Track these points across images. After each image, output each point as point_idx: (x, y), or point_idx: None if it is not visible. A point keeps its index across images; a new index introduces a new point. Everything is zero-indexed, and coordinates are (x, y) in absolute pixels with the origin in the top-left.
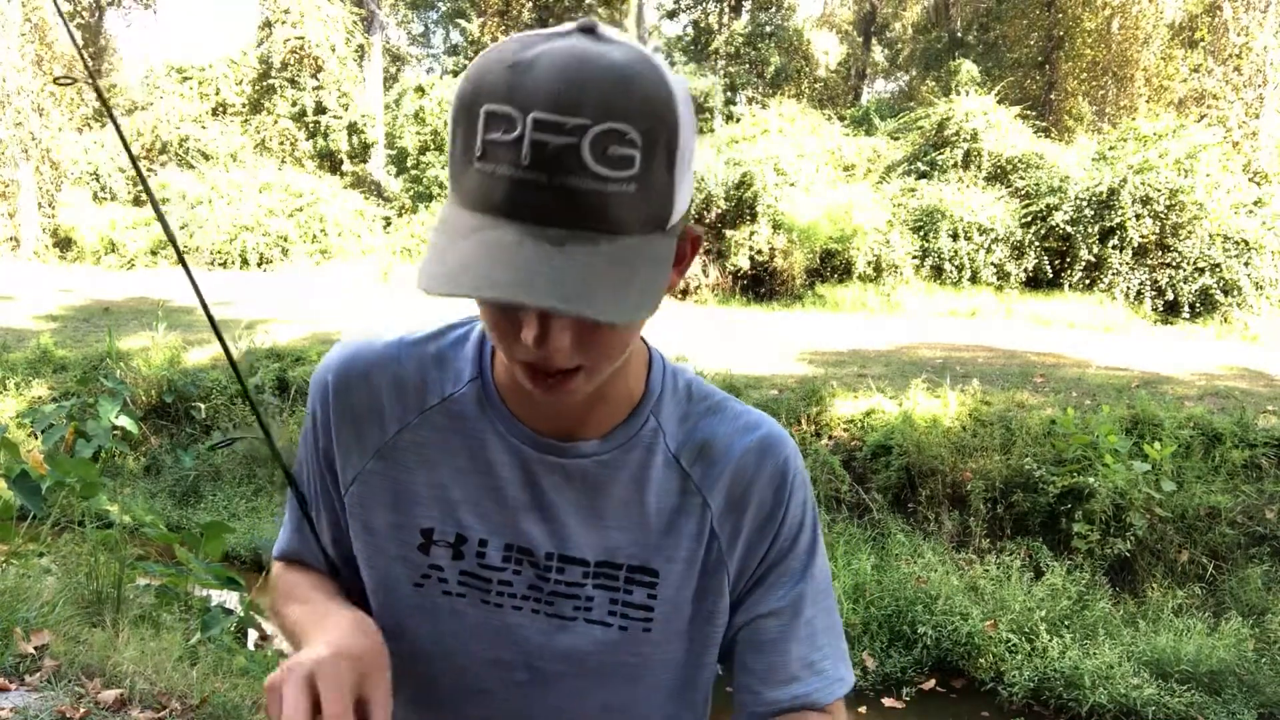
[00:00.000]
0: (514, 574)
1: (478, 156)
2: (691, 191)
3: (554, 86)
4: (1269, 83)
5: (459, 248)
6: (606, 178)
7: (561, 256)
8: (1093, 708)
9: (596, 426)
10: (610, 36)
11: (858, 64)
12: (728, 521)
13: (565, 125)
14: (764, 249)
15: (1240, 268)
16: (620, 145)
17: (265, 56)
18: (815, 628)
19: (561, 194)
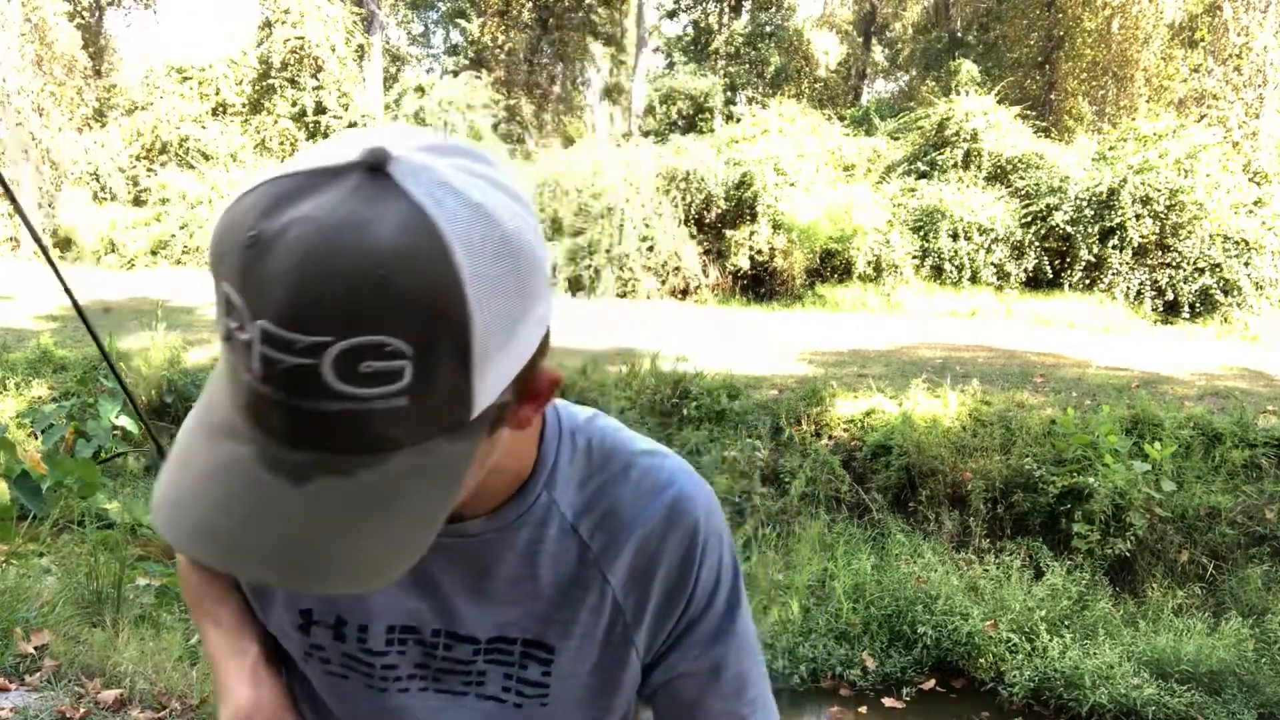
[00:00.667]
0: (398, 655)
1: (224, 337)
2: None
3: (286, 288)
4: (1269, 83)
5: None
6: (362, 396)
7: (298, 499)
8: (1093, 708)
9: (483, 504)
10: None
11: (858, 64)
12: (632, 593)
13: (296, 344)
14: (764, 249)
15: (1240, 268)
16: (378, 359)
17: (265, 56)
18: (742, 681)
19: (302, 417)
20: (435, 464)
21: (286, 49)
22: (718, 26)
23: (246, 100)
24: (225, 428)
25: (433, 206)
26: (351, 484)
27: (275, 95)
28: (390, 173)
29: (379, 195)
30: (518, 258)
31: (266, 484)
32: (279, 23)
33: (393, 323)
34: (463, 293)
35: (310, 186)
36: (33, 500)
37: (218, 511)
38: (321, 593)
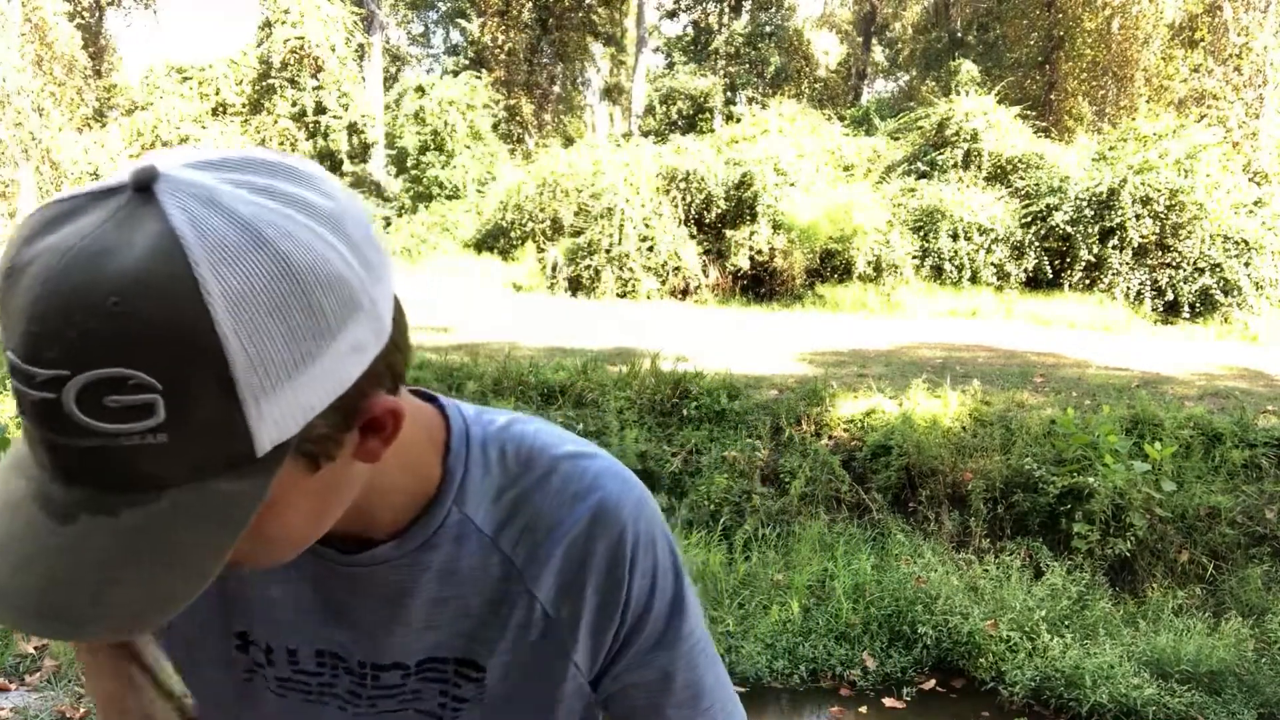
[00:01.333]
0: (333, 676)
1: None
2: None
3: (26, 321)
4: (1269, 83)
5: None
6: (114, 433)
7: (60, 541)
8: (1093, 707)
9: (389, 527)
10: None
11: (858, 64)
12: (564, 605)
13: (36, 378)
14: (764, 249)
15: (1240, 268)
16: (122, 394)
17: (265, 56)
18: (696, 689)
19: (61, 452)
20: (214, 504)
21: (286, 49)
22: (718, 26)
23: (246, 100)
24: (21, 460)
25: (186, 226)
26: (117, 524)
27: (275, 95)
28: (155, 191)
29: (135, 217)
30: (301, 282)
31: (38, 523)
32: (279, 23)
33: (132, 355)
34: (211, 321)
35: (75, 211)
36: None
37: None
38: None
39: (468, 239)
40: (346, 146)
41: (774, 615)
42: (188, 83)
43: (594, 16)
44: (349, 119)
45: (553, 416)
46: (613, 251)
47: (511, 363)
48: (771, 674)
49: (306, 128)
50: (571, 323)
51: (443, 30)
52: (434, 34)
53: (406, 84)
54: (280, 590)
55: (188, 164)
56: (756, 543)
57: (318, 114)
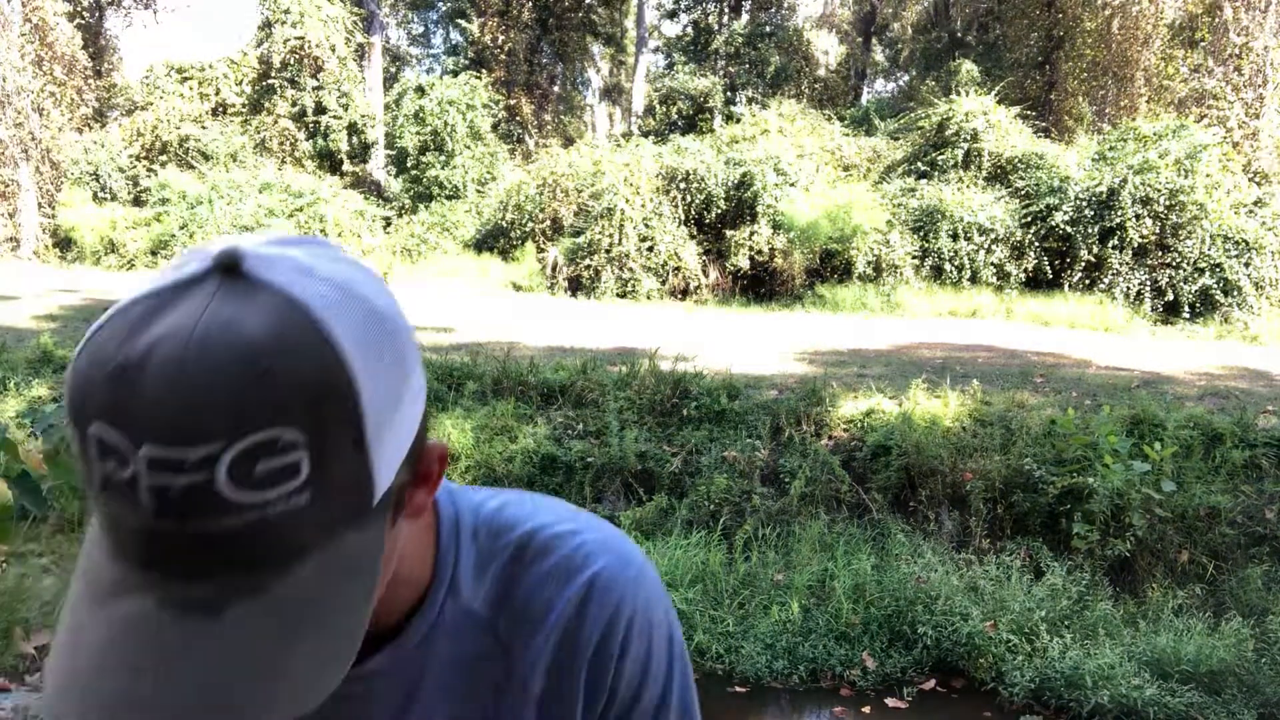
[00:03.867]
0: None
1: (99, 488)
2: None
3: (165, 406)
4: (1269, 83)
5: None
6: (262, 503)
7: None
8: (1094, 708)
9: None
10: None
11: (858, 64)
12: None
13: (186, 462)
14: (764, 249)
15: (1240, 268)
16: (272, 456)
17: (265, 56)
18: None
19: (204, 542)
20: (348, 560)
21: (286, 49)
22: (718, 26)
23: (246, 100)
24: (115, 586)
25: (299, 291)
26: (267, 602)
27: (275, 95)
28: (246, 271)
29: (240, 293)
30: (392, 331)
31: (178, 629)
32: (279, 23)
33: (282, 415)
34: (349, 371)
35: (166, 304)
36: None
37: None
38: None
39: (468, 239)
40: (346, 146)
41: (774, 615)
42: (188, 83)
43: (594, 16)
44: (349, 119)
45: (553, 416)
46: (613, 251)
47: (511, 363)
48: (771, 674)
49: (306, 128)
50: (571, 323)
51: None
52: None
53: (406, 84)
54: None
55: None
56: (756, 543)
57: (318, 114)
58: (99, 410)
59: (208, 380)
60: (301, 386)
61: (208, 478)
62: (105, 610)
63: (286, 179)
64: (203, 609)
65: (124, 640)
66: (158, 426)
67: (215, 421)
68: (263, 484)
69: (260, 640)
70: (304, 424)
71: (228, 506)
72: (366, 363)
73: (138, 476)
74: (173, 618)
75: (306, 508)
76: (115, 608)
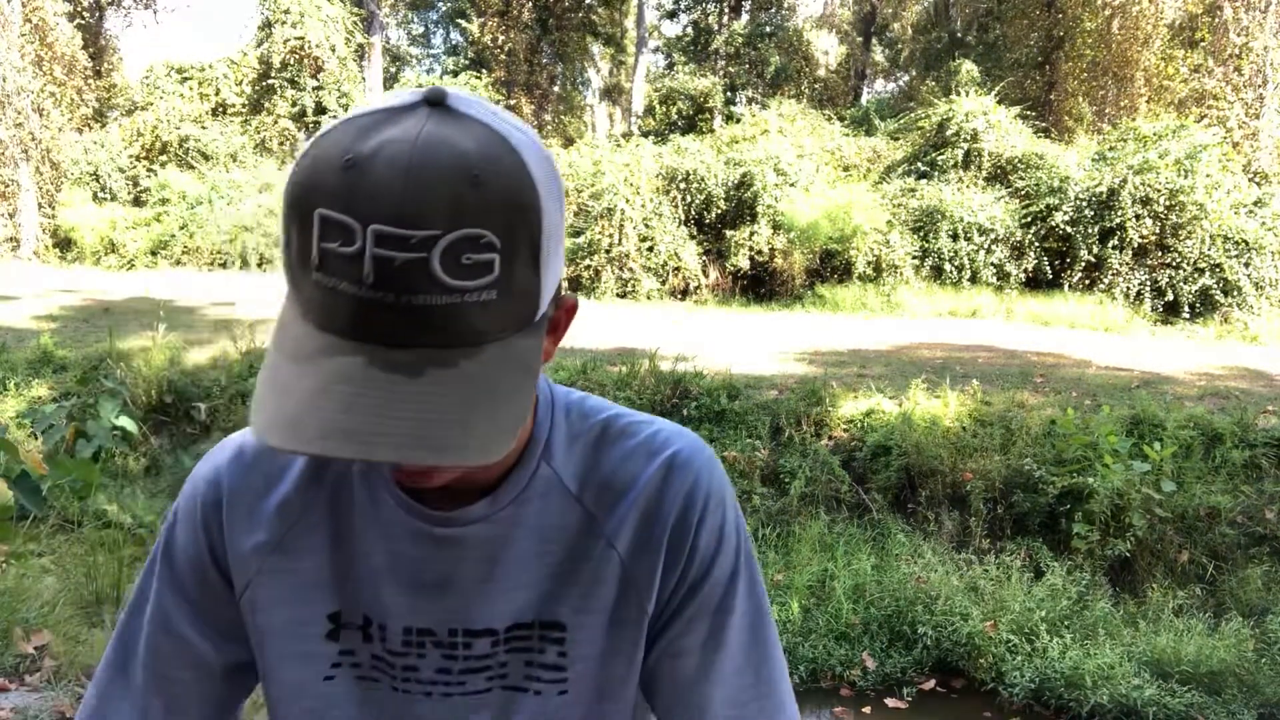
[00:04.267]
0: (418, 658)
1: (315, 266)
2: (561, 269)
3: (395, 192)
4: (1269, 83)
5: (300, 382)
6: (462, 289)
7: (417, 389)
8: (1093, 708)
9: (484, 483)
10: (462, 111)
11: (858, 64)
12: (642, 560)
13: (411, 239)
14: (764, 249)
15: (1240, 268)
16: (476, 251)
17: (265, 56)
18: (745, 664)
19: (412, 313)
20: (516, 356)
21: (286, 49)
22: (718, 26)
23: (246, 100)
24: (321, 352)
25: (497, 125)
26: (457, 374)
27: (275, 95)
28: (450, 104)
29: (449, 119)
30: (557, 174)
31: (384, 382)
32: (279, 23)
33: (487, 217)
34: (537, 195)
35: (386, 120)
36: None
37: (342, 413)
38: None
39: None
40: None
41: (774, 615)
42: (188, 83)
43: (594, 16)
44: None
45: None
46: (613, 252)
47: None
48: None
49: (306, 128)
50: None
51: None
52: (434, 34)
53: (406, 84)
54: (383, 559)
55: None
56: (756, 543)
57: (318, 114)
58: (327, 197)
59: (431, 176)
60: (503, 199)
61: (424, 257)
62: (314, 366)
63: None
64: (405, 370)
65: (336, 387)
66: (386, 209)
67: (436, 211)
68: (465, 273)
69: (451, 400)
70: (500, 231)
71: (435, 286)
72: (546, 194)
73: (364, 250)
74: (380, 372)
75: (492, 303)
76: (324, 365)
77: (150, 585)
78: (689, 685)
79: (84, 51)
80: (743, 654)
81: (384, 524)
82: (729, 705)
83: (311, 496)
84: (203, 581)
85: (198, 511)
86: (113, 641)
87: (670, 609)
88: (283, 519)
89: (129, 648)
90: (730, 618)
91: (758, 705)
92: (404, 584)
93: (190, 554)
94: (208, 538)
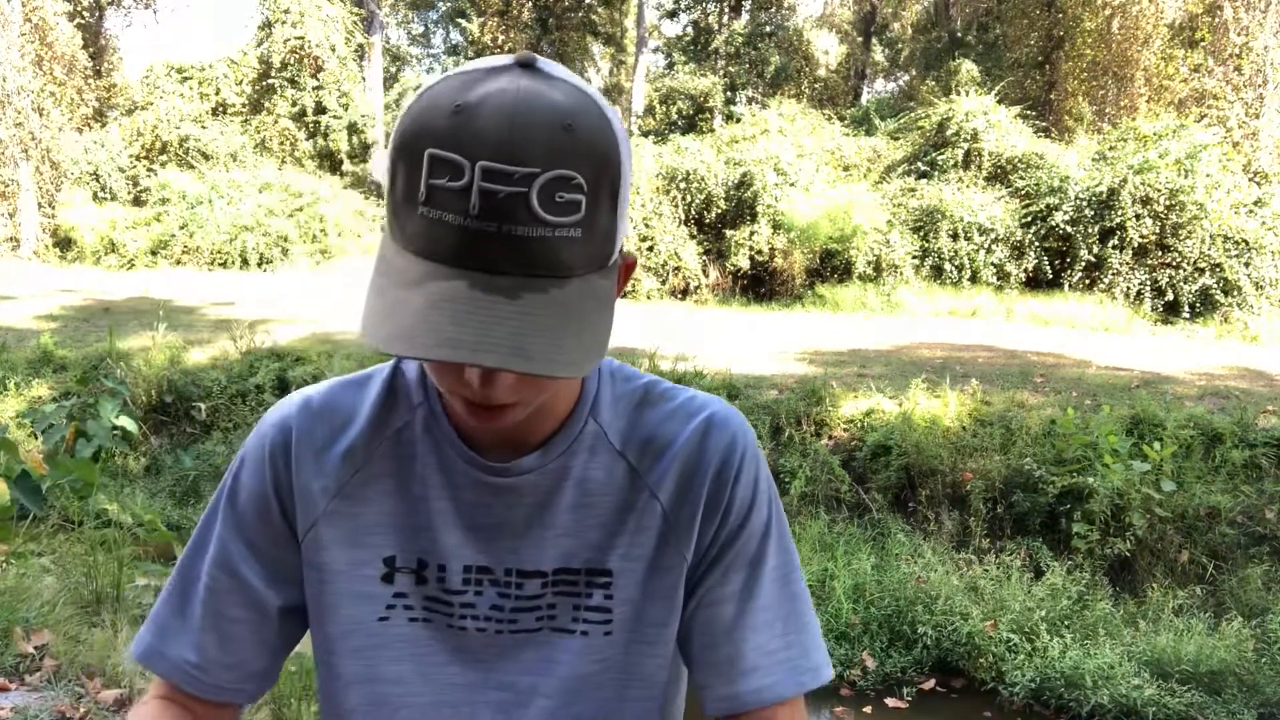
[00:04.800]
0: (475, 595)
1: (422, 201)
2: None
3: (501, 133)
4: (1269, 83)
5: (409, 301)
6: (554, 224)
7: (514, 309)
8: (1093, 708)
9: (537, 436)
10: (550, 72)
11: (858, 64)
12: (682, 510)
13: (514, 174)
14: (764, 249)
15: (1240, 268)
16: (567, 191)
17: (265, 56)
18: (776, 614)
19: (511, 243)
20: (596, 292)
21: (286, 49)
22: (718, 26)
23: (246, 100)
24: (427, 277)
25: (582, 85)
26: (548, 299)
27: (275, 95)
28: (539, 67)
29: (541, 78)
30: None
31: (485, 302)
32: (279, 23)
33: (578, 162)
34: (618, 150)
35: (485, 77)
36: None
37: (451, 325)
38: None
39: None
40: (346, 146)
41: None
42: (188, 83)
43: (594, 16)
44: (349, 119)
45: None
46: None
47: None
48: None
49: (306, 128)
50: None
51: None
52: (434, 34)
53: (406, 84)
54: (444, 505)
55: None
56: None
57: (318, 114)
58: (437, 138)
59: (531, 121)
60: (591, 148)
61: (525, 192)
62: (421, 289)
63: (286, 179)
64: (503, 293)
65: (444, 304)
66: (492, 148)
67: (535, 151)
68: (557, 210)
69: (544, 321)
70: (588, 175)
71: (532, 219)
72: (624, 151)
73: (471, 184)
74: (482, 294)
75: (578, 240)
76: (430, 287)
77: (212, 528)
78: (724, 632)
79: (84, 51)
80: (775, 604)
81: (446, 473)
82: (760, 652)
83: (375, 446)
84: (265, 523)
85: (266, 454)
86: (172, 581)
87: (708, 559)
88: (347, 466)
89: (188, 587)
90: (763, 568)
91: (785, 654)
92: (464, 527)
93: (256, 494)
94: (274, 478)
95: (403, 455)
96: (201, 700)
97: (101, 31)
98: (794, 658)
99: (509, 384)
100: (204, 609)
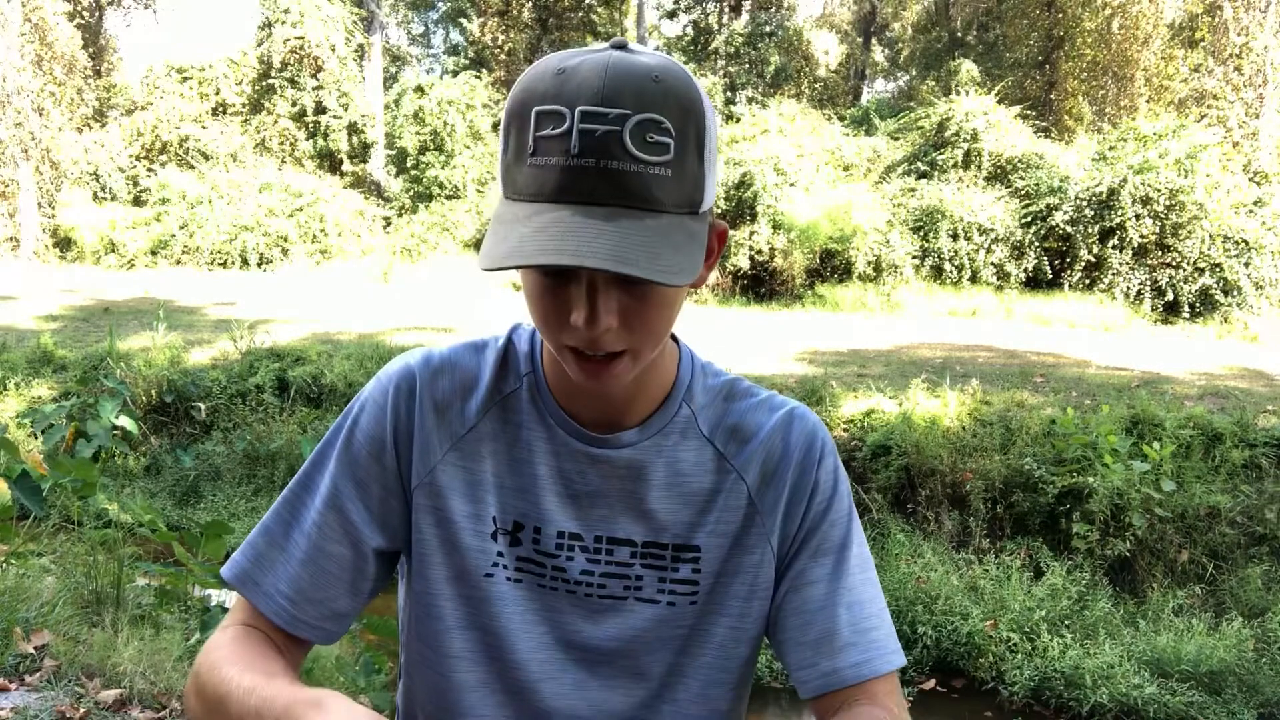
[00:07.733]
0: (567, 559)
1: (530, 153)
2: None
3: (597, 84)
4: (1269, 83)
5: (517, 230)
6: (646, 161)
7: (612, 227)
8: (1094, 707)
9: (636, 415)
10: (641, 50)
11: (858, 64)
12: (766, 493)
13: (609, 115)
14: (764, 249)
15: (1240, 268)
16: (657, 133)
17: (265, 56)
18: (861, 597)
19: (608, 176)
20: (689, 230)
21: (286, 49)
22: (718, 26)
23: (246, 100)
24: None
25: (670, 60)
26: (643, 225)
27: (275, 95)
28: (630, 48)
29: (635, 52)
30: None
31: (589, 222)
32: (279, 23)
33: (665, 108)
34: (702, 104)
35: (585, 52)
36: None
37: (557, 240)
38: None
39: (468, 239)
40: (346, 146)
41: None
42: (188, 83)
43: (594, 16)
44: (349, 119)
45: None
46: None
47: None
48: (771, 674)
49: (306, 127)
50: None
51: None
52: (434, 34)
53: (406, 84)
54: (545, 470)
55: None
56: None
57: (318, 114)
58: (542, 96)
59: (623, 73)
60: (677, 98)
61: (618, 130)
62: (532, 219)
63: (286, 179)
64: (603, 218)
65: (551, 225)
66: (591, 94)
67: (627, 97)
68: (648, 149)
69: (641, 238)
70: (675, 121)
71: (626, 155)
72: (708, 109)
73: (571, 128)
74: (584, 219)
75: (668, 179)
76: (537, 220)
77: (322, 468)
78: (818, 610)
79: (84, 51)
80: (860, 585)
81: (549, 440)
82: (854, 630)
83: (487, 409)
84: (379, 466)
85: (390, 399)
86: (275, 512)
87: (796, 542)
88: (465, 422)
89: (293, 520)
90: (849, 553)
91: (876, 634)
92: (561, 493)
93: (374, 437)
94: (394, 423)
95: (510, 420)
96: (282, 632)
97: (101, 31)
98: (882, 639)
99: (614, 321)
100: (307, 541)
